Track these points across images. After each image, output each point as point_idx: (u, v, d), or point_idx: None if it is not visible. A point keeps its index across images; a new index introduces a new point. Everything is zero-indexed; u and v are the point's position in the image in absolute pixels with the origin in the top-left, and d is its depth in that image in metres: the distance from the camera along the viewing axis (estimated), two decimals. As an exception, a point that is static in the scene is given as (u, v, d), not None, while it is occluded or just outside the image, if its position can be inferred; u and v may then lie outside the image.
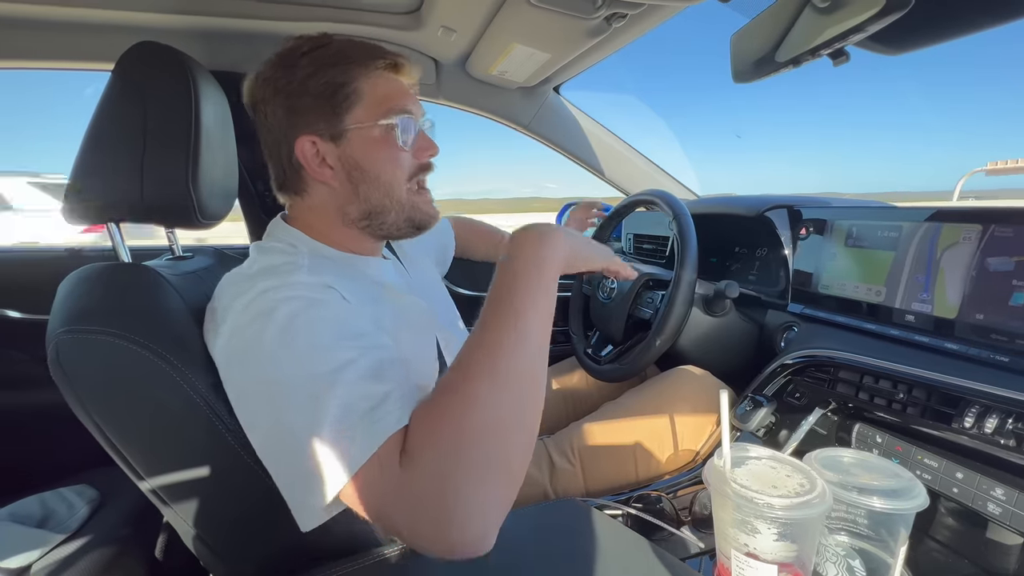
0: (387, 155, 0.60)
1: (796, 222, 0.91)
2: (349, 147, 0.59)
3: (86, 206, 0.59)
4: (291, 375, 0.45)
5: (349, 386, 0.43)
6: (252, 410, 0.48)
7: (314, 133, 0.58)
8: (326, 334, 0.47)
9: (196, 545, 0.55)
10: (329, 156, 0.59)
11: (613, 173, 1.48)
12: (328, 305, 0.49)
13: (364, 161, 0.59)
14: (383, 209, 0.61)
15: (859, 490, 0.45)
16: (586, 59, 1.16)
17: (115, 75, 0.59)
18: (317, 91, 0.57)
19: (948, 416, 0.56)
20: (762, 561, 0.42)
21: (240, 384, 0.49)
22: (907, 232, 0.70)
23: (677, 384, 0.89)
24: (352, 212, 0.61)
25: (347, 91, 0.58)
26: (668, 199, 0.94)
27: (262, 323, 0.47)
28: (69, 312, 0.50)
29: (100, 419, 0.49)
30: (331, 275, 0.54)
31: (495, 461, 0.40)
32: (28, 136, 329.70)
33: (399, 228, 0.63)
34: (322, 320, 0.48)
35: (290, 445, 0.44)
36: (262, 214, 1.22)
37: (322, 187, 0.61)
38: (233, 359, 0.49)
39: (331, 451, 0.41)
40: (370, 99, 0.59)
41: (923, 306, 0.66)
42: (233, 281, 0.54)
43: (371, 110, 0.59)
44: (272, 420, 0.46)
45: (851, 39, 0.50)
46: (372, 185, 0.60)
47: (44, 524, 0.76)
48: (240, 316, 0.49)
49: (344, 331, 0.48)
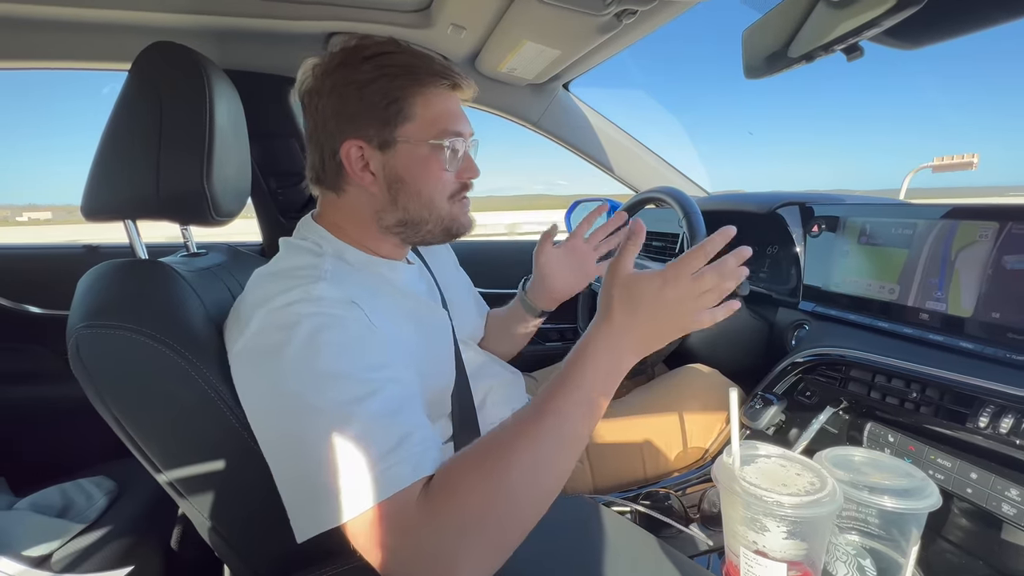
0: (431, 174, 0.60)
1: (808, 219, 0.90)
2: (395, 158, 0.59)
3: (104, 203, 0.60)
4: (310, 394, 0.45)
5: (369, 422, 0.44)
6: (264, 415, 0.49)
7: (362, 138, 0.58)
8: (347, 360, 0.47)
9: (211, 537, 0.56)
10: (373, 163, 0.59)
11: (622, 170, 1.47)
12: (350, 326, 0.49)
13: (407, 175, 0.59)
14: (421, 220, 0.61)
15: (870, 489, 0.44)
16: (596, 56, 1.16)
17: (132, 74, 0.60)
18: (373, 99, 0.57)
19: (963, 416, 0.55)
20: (771, 559, 0.42)
21: (255, 388, 0.50)
22: (922, 229, 0.69)
23: (686, 382, 0.89)
24: (388, 219, 0.61)
25: (402, 105, 0.57)
26: (678, 196, 0.93)
27: (285, 335, 0.47)
28: (88, 308, 0.52)
29: (118, 412, 0.51)
30: (354, 287, 0.54)
31: (508, 536, 0.42)
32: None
33: (434, 236, 0.64)
34: (344, 344, 0.47)
35: (299, 462, 0.45)
36: (275, 212, 1.24)
37: (360, 191, 0.60)
38: (252, 362, 0.50)
39: (342, 485, 0.42)
40: (424, 116, 0.58)
41: (937, 304, 0.65)
42: (261, 279, 0.56)
43: (424, 128, 0.58)
44: (283, 431, 0.47)
45: (865, 34, 0.49)
46: (412, 198, 0.60)
47: (64, 514, 0.78)
48: (264, 321, 0.49)
49: (365, 360, 0.48)
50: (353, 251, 0.62)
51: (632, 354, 0.47)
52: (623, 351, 0.46)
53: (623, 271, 0.48)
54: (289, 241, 0.62)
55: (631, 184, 1.49)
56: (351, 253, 0.62)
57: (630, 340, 0.46)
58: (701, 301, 0.48)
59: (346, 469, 0.42)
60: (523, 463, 0.42)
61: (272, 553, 0.57)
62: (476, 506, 0.41)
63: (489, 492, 0.41)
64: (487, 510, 0.41)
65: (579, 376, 0.45)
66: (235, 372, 0.51)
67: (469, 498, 0.41)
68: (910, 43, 0.58)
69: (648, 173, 1.48)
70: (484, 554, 0.41)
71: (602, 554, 0.45)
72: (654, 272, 0.47)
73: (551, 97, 1.37)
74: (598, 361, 0.46)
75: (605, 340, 0.46)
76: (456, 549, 0.40)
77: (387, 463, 0.42)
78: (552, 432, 0.43)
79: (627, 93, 18.63)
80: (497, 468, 0.42)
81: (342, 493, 0.42)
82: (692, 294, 0.47)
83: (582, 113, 1.42)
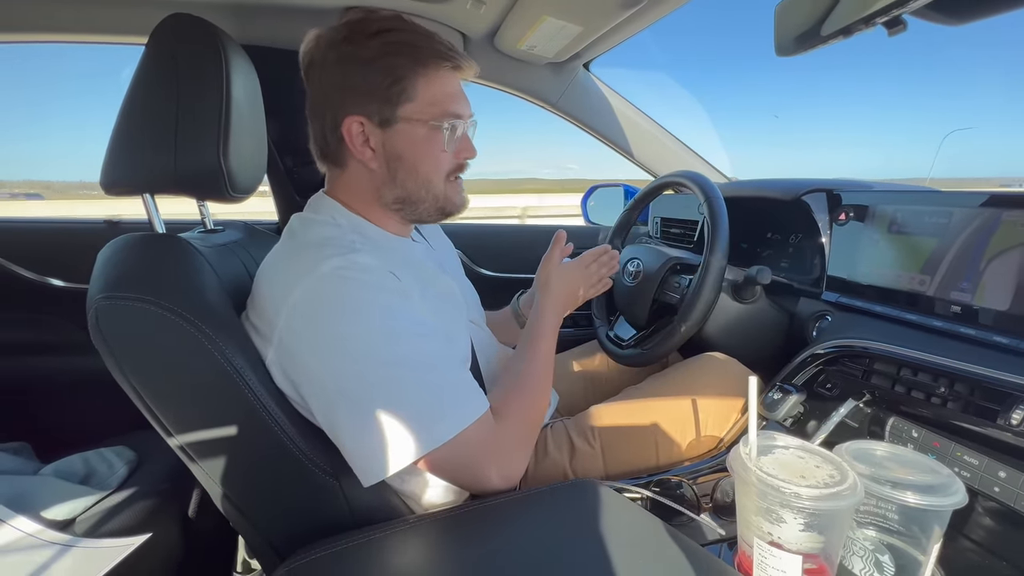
0: (430, 153, 0.61)
1: (835, 207, 0.87)
2: (395, 136, 0.60)
3: (122, 177, 0.60)
4: (373, 336, 0.52)
5: (437, 366, 0.55)
6: (325, 376, 0.51)
7: (364, 115, 0.59)
8: (401, 320, 0.54)
9: (224, 505, 0.58)
10: (373, 139, 0.60)
11: (642, 154, 1.43)
12: (394, 294, 0.55)
13: (406, 153, 0.61)
14: (418, 199, 0.63)
15: (893, 484, 0.43)
16: (618, 33, 1.12)
17: (149, 47, 0.59)
18: (376, 76, 0.58)
19: (993, 412, 0.53)
20: (786, 551, 0.41)
21: (314, 351, 0.52)
22: (957, 218, 0.65)
23: (702, 370, 0.88)
24: (387, 196, 0.63)
25: (405, 84, 0.59)
26: (699, 181, 0.90)
27: (342, 288, 0.52)
28: (107, 279, 0.52)
29: (136, 381, 0.52)
30: (386, 259, 0.57)
31: (535, 433, 0.66)
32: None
33: (429, 215, 0.66)
34: (395, 308, 0.54)
35: (367, 406, 0.51)
36: (291, 191, 1.24)
37: (360, 166, 0.62)
38: (308, 327, 0.52)
39: (425, 419, 0.52)
40: (425, 97, 0.59)
41: (972, 297, 0.62)
42: (293, 251, 0.58)
43: (424, 108, 0.60)
44: (349, 386, 0.51)
45: (910, 5, 0.46)
46: (410, 175, 0.62)
47: (86, 481, 0.80)
48: (314, 287, 0.52)
49: (414, 319, 0.55)
50: (370, 226, 0.63)
51: (561, 309, 0.76)
52: (558, 309, 0.75)
53: (552, 263, 0.79)
54: (302, 216, 0.63)
55: (650, 169, 1.45)
56: (368, 228, 0.63)
57: (559, 303, 0.75)
58: (590, 282, 0.82)
59: (424, 407, 0.52)
60: (536, 388, 0.66)
61: (282, 524, 0.58)
62: (522, 420, 0.62)
63: (525, 408, 0.63)
64: (528, 421, 0.63)
65: (543, 329, 0.71)
66: (286, 342, 0.53)
67: (519, 414, 0.61)
68: (956, 18, 0.55)
69: (668, 157, 1.44)
70: (528, 449, 0.63)
71: (612, 539, 0.45)
72: (568, 263, 0.81)
73: (571, 77, 1.33)
74: (546, 318, 0.72)
75: (550, 305, 0.74)
76: (514, 450, 0.59)
77: (465, 396, 0.55)
78: (541, 367, 0.68)
79: (649, 75, 18.07)
80: (526, 394, 0.64)
81: (432, 422, 0.52)
82: (587, 278, 0.81)
83: (602, 94, 1.38)
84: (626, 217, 1.13)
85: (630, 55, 1.39)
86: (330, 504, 0.55)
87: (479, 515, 0.51)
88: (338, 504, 0.55)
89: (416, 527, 0.49)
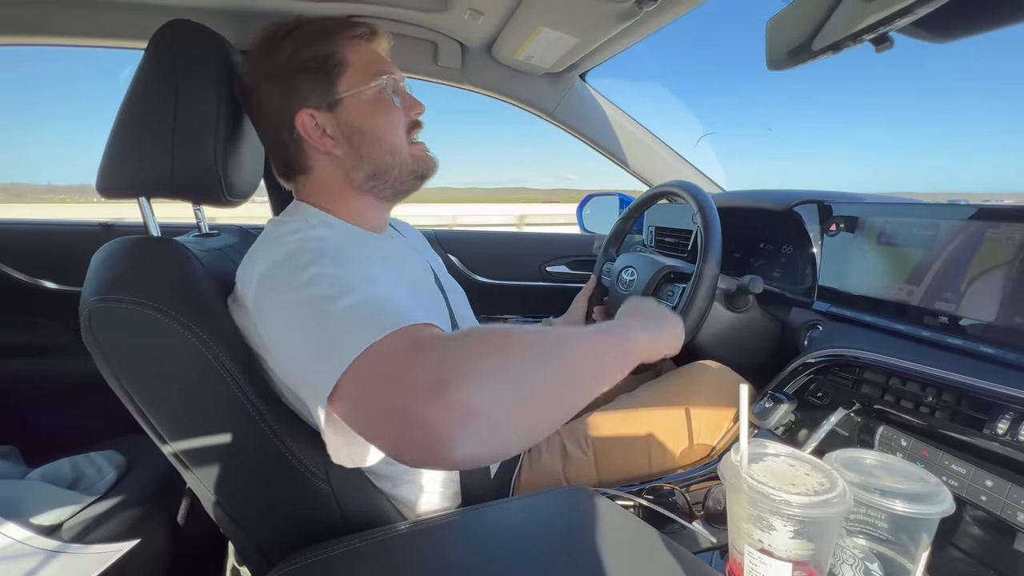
0: (383, 114, 0.63)
1: (826, 218, 0.88)
2: (346, 113, 0.61)
3: (119, 180, 0.60)
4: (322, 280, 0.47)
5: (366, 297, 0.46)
6: (279, 327, 0.50)
7: (311, 106, 0.61)
8: (346, 268, 0.49)
9: (215, 511, 0.57)
10: (328, 126, 0.61)
11: (637, 164, 1.45)
12: (348, 251, 0.53)
13: (363, 124, 0.62)
14: (387, 167, 0.64)
15: (882, 492, 0.43)
16: (615, 45, 1.14)
17: (148, 52, 0.60)
18: (306, 66, 0.60)
19: (980, 421, 0.54)
20: (776, 558, 0.41)
21: (271, 309, 0.50)
22: (945, 231, 0.67)
23: (695, 378, 0.88)
24: (358, 177, 0.64)
25: (334, 61, 0.61)
26: (692, 191, 0.91)
27: (298, 248, 0.51)
28: (101, 282, 0.52)
29: (128, 384, 0.51)
30: (345, 240, 0.56)
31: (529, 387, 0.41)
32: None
33: (403, 182, 0.67)
34: (343, 261, 0.50)
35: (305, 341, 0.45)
36: (287, 196, 1.24)
37: (326, 158, 0.63)
38: (267, 289, 0.51)
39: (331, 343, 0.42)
40: (356, 65, 0.62)
41: (959, 308, 0.63)
42: (255, 248, 0.58)
43: (360, 75, 0.62)
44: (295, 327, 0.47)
45: (897, 23, 0.48)
46: (374, 146, 0.63)
47: (75, 486, 0.79)
48: (278, 248, 0.52)
49: (360, 270, 0.50)
50: (340, 223, 0.64)
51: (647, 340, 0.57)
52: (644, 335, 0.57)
53: None
54: (275, 219, 0.64)
55: (645, 178, 1.46)
56: (340, 225, 0.64)
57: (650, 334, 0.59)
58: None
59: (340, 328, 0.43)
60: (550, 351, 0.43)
61: (273, 530, 0.58)
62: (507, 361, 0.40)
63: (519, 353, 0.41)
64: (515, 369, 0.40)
65: (615, 327, 0.55)
66: (256, 307, 0.52)
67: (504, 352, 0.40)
68: (941, 35, 0.56)
69: (663, 168, 1.46)
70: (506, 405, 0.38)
71: (604, 546, 0.45)
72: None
73: (568, 87, 1.35)
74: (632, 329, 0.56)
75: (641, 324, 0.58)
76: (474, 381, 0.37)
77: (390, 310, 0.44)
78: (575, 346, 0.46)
79: (644, 86, 18.49)
80: (531, 346, 0.42)
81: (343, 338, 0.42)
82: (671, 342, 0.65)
83: (598, 104, 1.40)
84: (621, 226, 1.14)
85: (626, 66, 1.40)
86: (322, 510, 0.55)
87: (471, 522, 0.51)
88: (330, 509, 0.55)
89: (407, 533, 0.49)
